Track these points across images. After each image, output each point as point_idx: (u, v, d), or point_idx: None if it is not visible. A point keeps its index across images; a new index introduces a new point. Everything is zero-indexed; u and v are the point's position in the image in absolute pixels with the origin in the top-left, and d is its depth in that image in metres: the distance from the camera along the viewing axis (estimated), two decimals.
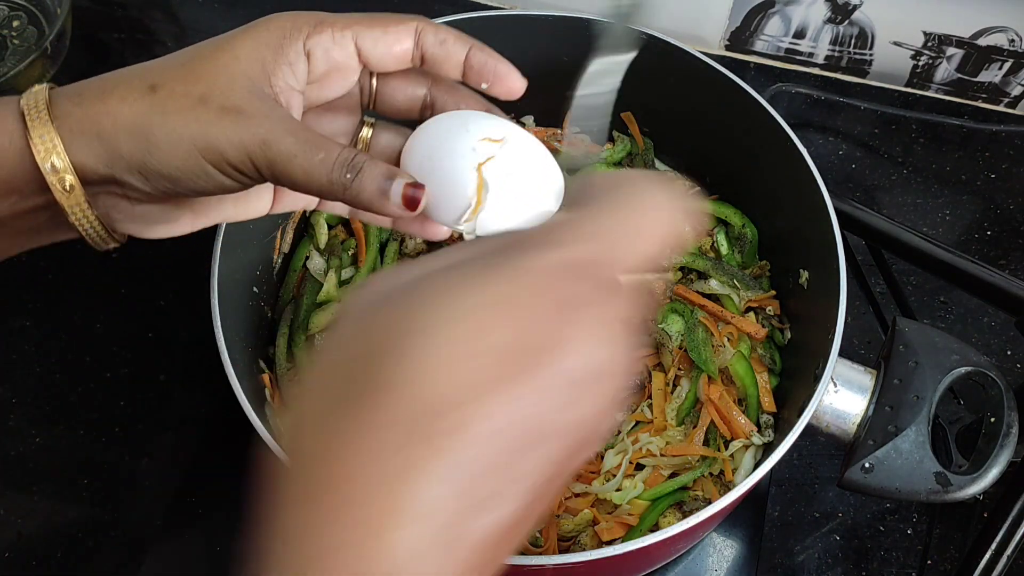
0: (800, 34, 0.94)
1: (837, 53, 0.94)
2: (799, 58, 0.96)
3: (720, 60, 0.70)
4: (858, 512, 0.72)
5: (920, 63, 0.93)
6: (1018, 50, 0.89)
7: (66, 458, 0.72)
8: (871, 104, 0.94)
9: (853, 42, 0.93)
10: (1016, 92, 0.94)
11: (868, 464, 0.57)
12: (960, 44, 0.90)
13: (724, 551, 0.69)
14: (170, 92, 0.40)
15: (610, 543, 0.63)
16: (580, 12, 0.71)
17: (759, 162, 0.71)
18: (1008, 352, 0.80)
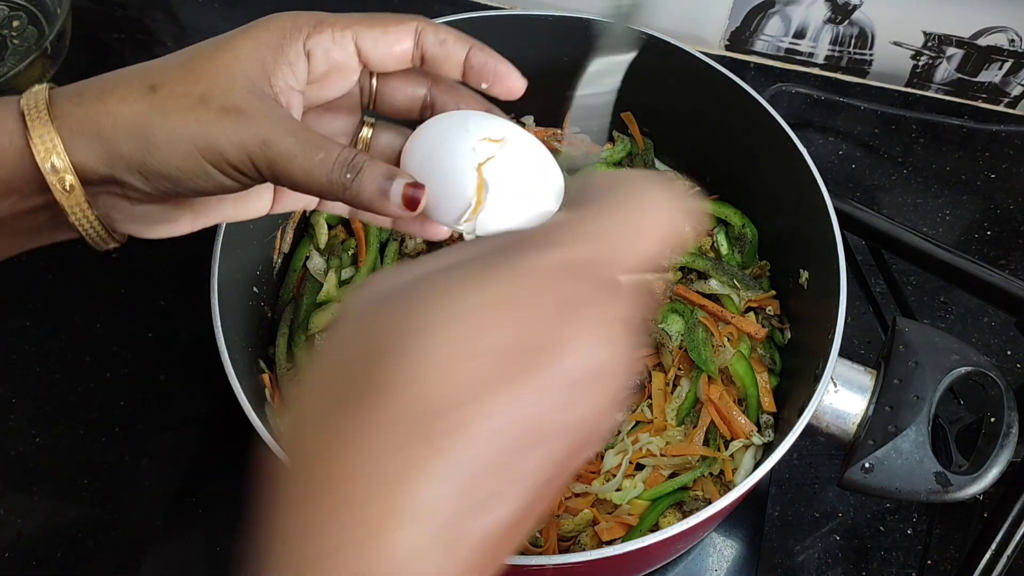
0: (800, 34, 0.94)
1: (837, 53, 0.94)
2: (799, 58, 0.96)
3: (720, 60, 0.70)
4: (858, 512, 0.72)
5: (920, 63, 0.93)
6: (1018, 50, 0.89)
7: (66, 458, 0.72)
8: (871, 104, 0.94)
9: (853, 42, 0.93)
10: (1016, 92, 0.94)
11: (868, 464, 0.57)
12: (960, 44, 0.90)
13: (724, 551, 0.69)
14: (170, 92, 0.40)
15: (610, 543, 0.63)
16: (580, 12, 0.71)
17: (759, 162, 0.71)
18: (1008, 352, 0.80)
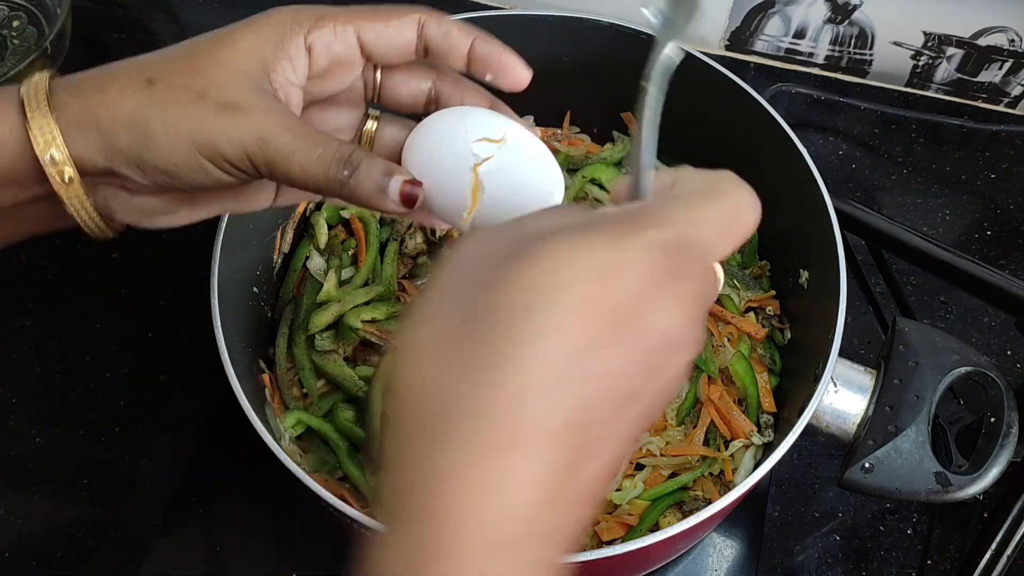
0: (800, 34, 0.93)
1: (837, 53, 0.94)
2: (799, 58, 0.96)
3: (720, 60, 0.70)
4: (858, 512, 0.72)
5: (920, 63, 0.93)
6: (1018, 50, 0.89)
7: (66, 458, 0.72)
8: (871, 104, 0.94)
9: (853, 42, 0.93)
10: (1016, 92, 0.94)
11: (868, 464, 0.57)
12: (960, 44, 0.90)
13: (724, 551, 0.69)
14: (168, 86, 0.40)
15: (610, 543, 0.62)
16: (580, 12, 0.71)
17: (759, 162, 0.71)
18: (1008, 352, 0.80)
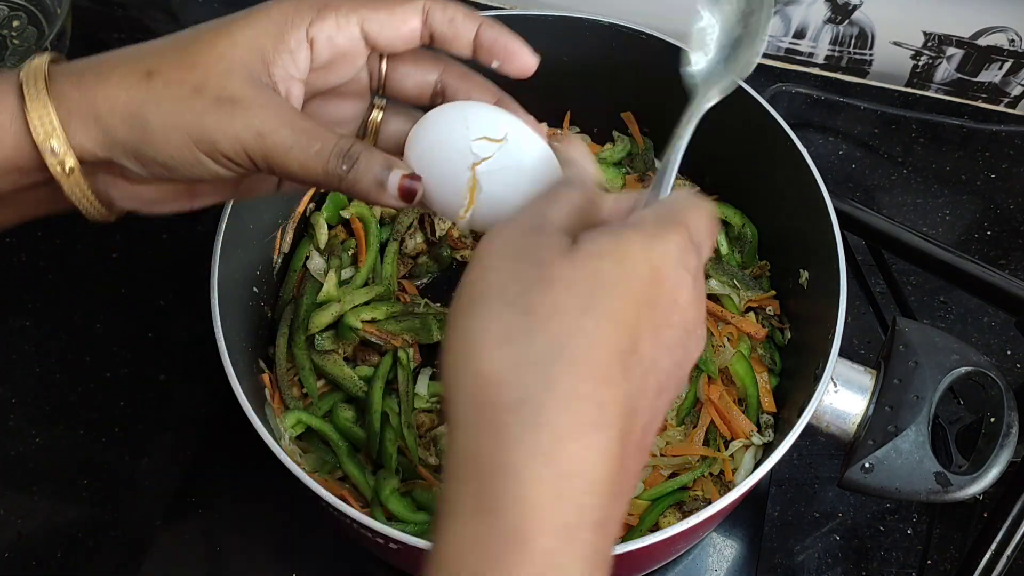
0: (800, 34, 0.93)
1: (837, 53, 0.94)
2: (799, 58, 0.96)
3: None
4: (858, 512, 0.72)
5: (920, 63, 0.93)
6: (1018, 50, 0.89)
7: (66, 458, 0.72)
8: (871, 104, 0.94)
9: (853, 42, 0.93)
10: (1016, 92, 0.93)
11: (868, 464, 0.57)
12: (960, 44, 0.90)
13: (724, 551, 0.69)
14: (166, 80, 0.40)
15: None
16: (580, 12, 0.71)
17: (759, 162, 0.71)
18: (1008, 352, 0.79)
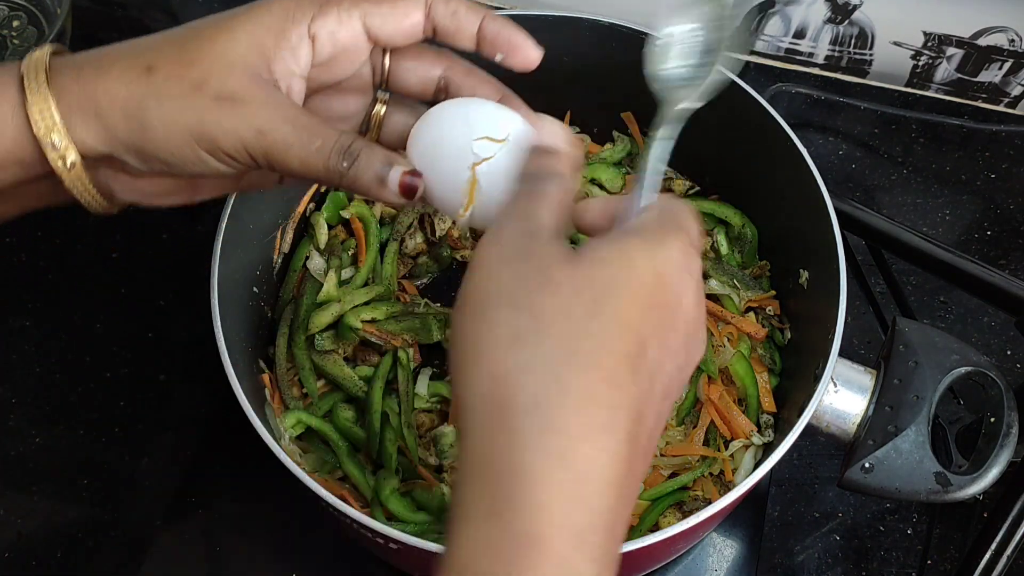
0: (800, 34, 0.93)
1: (837, 53, 0.94)
2: (799, 58, 0.96)
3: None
4: (858, 512, 0.72)
5: (920, 63, 0.93)
6: (1018, 50, 0.89)
7: (66, 458, 0.72)
8: (871, 104, 0.94)
9: (853, 42, 0.93)
10: (1016, 92, 0.93)
11: (868, 464, 0.57)
12: (960, 44, 0.90)
13: (724, 551, 0.69)
14: (166, 76, 0.40)
15: None
16: (580, 12, 0.71)
17: (759, 162, 0.71)
18: (1008, 352, 0.79)
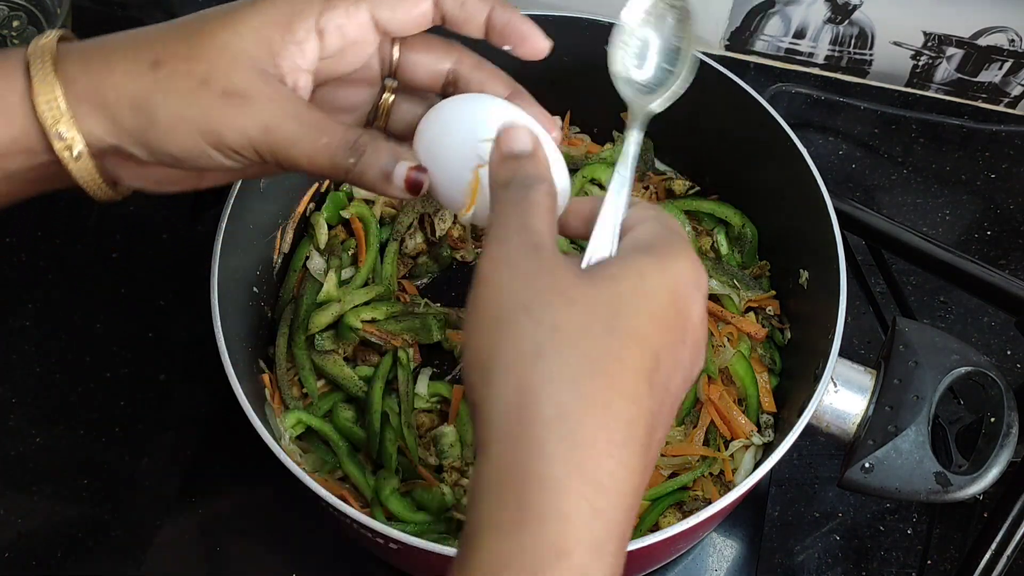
0: (800, 34, 0.93)
1: (837, 53, 0.94)
2: (799, 58, 0.96)
3: (720, 60, 0.70)
4: (858, 512, 0.72)
5: (920, 63, 0.93)
6: (1018, 50, 0.89)
7: (66, 458, 0.72)
8: (871, 104, 0.94)
9: (853, 42, 0.93)
10: (1016, 92, 0.93)
11: (868, 464, 0.57)
12: (960, 44, 0.90)
13: (724, 551, 0.69)
14: (172, 70, 0.40)
15: None
16: (580, 12, 0.71)
17: (759, 162, 0.71)
18: (1008, 352, 0.79)
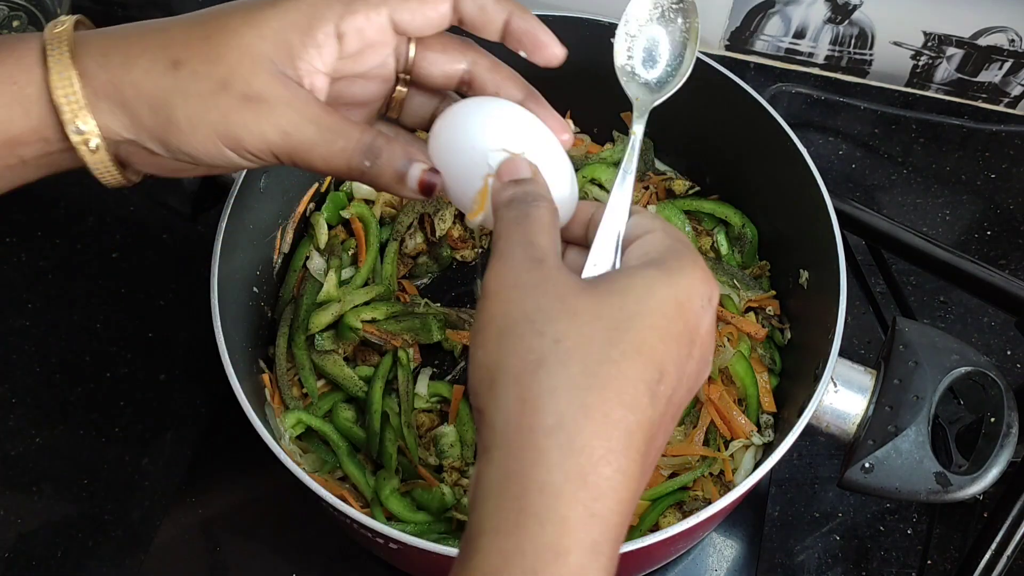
0: (800, 34, 0.93)
1: (837, 53, 0.94)
2: (799, 58, 0.96)
3: (720, 60, 0.70)
4: (858, 512, 0.72)
5: (920, 63, 0.93)
6: (1018, 50, 0.89)
7: (66, 458, 0.72)
8: (871, 104, 0.94)
9: (853, 42, 0.93)
10: (1016, 92, 0.94)
11: (868, 464, 0.57)
12: (960, 44, 0.90)
13: (724, 551, 0.69)
14: (192, 72, 0.40)
15: None
16: (580, 12, 0.71)
17: (759, 162, 0.71)
18: (1008, 352, 0.80)
